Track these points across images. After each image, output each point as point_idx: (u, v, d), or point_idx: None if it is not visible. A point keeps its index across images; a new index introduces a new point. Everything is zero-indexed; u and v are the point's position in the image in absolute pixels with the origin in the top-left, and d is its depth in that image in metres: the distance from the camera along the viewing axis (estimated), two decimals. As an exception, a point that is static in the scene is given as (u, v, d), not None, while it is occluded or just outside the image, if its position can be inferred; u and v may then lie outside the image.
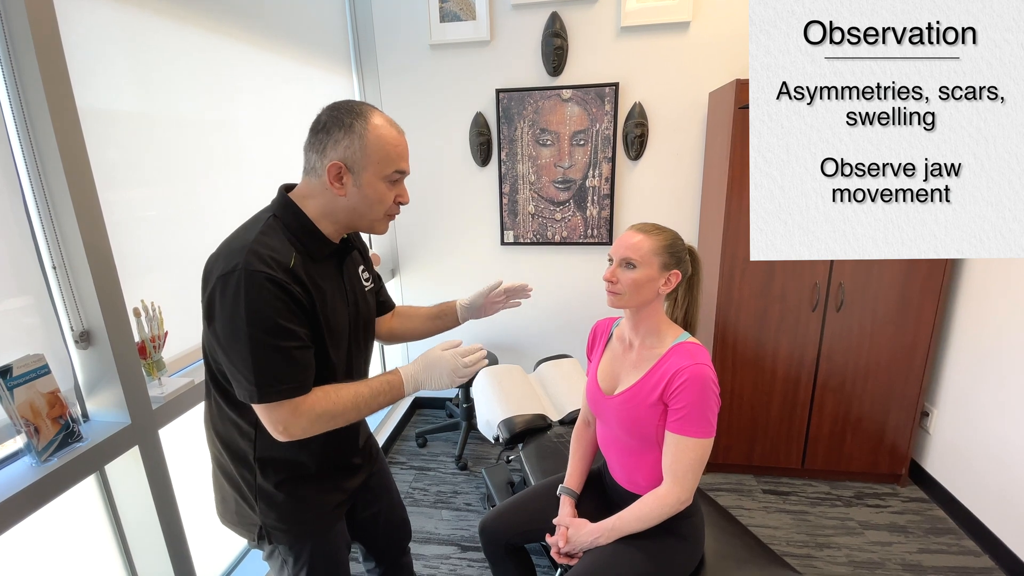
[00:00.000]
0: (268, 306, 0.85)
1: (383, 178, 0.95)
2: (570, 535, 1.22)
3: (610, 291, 1.15)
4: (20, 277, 1.04)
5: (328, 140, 0.92)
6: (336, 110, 0.94)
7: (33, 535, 1.10)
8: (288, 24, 2.00)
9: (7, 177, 1.00)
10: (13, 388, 0.96)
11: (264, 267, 0.86)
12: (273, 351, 0.86)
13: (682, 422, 1.07)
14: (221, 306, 0.86)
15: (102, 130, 1.19)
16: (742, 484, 2.40)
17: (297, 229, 0.95)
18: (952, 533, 2.06)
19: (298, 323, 0.89)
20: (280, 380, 0.88)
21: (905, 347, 2.15)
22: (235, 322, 0.85)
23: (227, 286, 0.85)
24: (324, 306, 0.96)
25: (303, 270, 0.92)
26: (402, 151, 0.97)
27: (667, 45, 2.38)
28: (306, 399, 0.91)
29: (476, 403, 2.23)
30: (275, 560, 1.10)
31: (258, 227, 0.92)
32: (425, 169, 2.73)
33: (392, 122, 0.97)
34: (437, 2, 2.46)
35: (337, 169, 0.92)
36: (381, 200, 0.97)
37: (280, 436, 0.91)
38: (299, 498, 1.05)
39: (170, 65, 1.41)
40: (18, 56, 0.98)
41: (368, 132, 0.92)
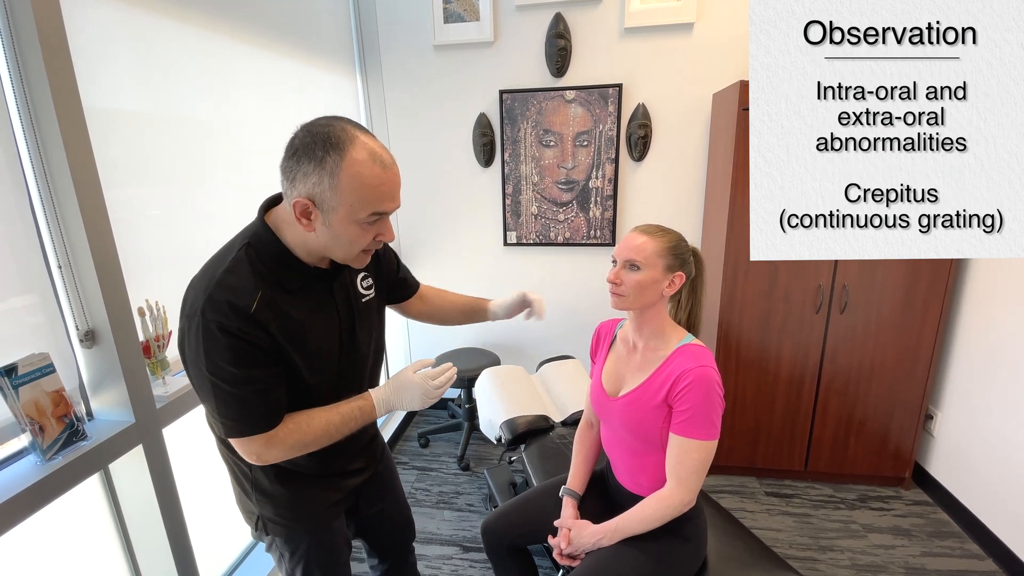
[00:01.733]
0: (222, 357, 0.83)
1: (356, 221, 0.84)
2: (572, 536, 1.22)
3: (614, 293, 1.15)
4: (26, 276, 1.04)
5: (298, 171, 0.82)
6: (310, 135, 0.81)
7: (37, 533, 1.10)
8: (292, 25, 2.01)
9: (13, 177, 1.01)
10: (18, 387, 0.97)
11: (218, 316, 0.82)
12: (234, 397, 0.85)
13: (686, 424, 1.07)
14: (187, 347, 0.86)
15: (106, 129, 1.19)
16: (745, 486, 2.39)
17: (270, 260, 0.89)
18: (956, 537, 2.05)
19: (259, 366, 0.86)
20: (245, 421, 0.88)
21: (909, 349, 2.14)
22: (198, 367, 0.85)
23: (189, 330, 0.85)
24: (299, 338, 0.91)
25: (271, 308, 0.86)
26: (386, 191, 0.84)
27: (671, 46, 2.38)
28: (277, 432, 0.90)
29: (478, 404, 2.23)
30: (274, 552, 1.12)
31: (227, 260, 0.87)
32: (428, 170, 2.74)
33: (376, 156, 0.82)
34: (441, 3, 2.46)
35: (303, 206, 0.82)
36: (353, 242, 0.87)
37: (255, 463, 0.93)
38: (295, 493, 1.05)
39: (175, 65, 1.42)
40: (24, 56, 0.98)
41: (342, 171, 0.80)
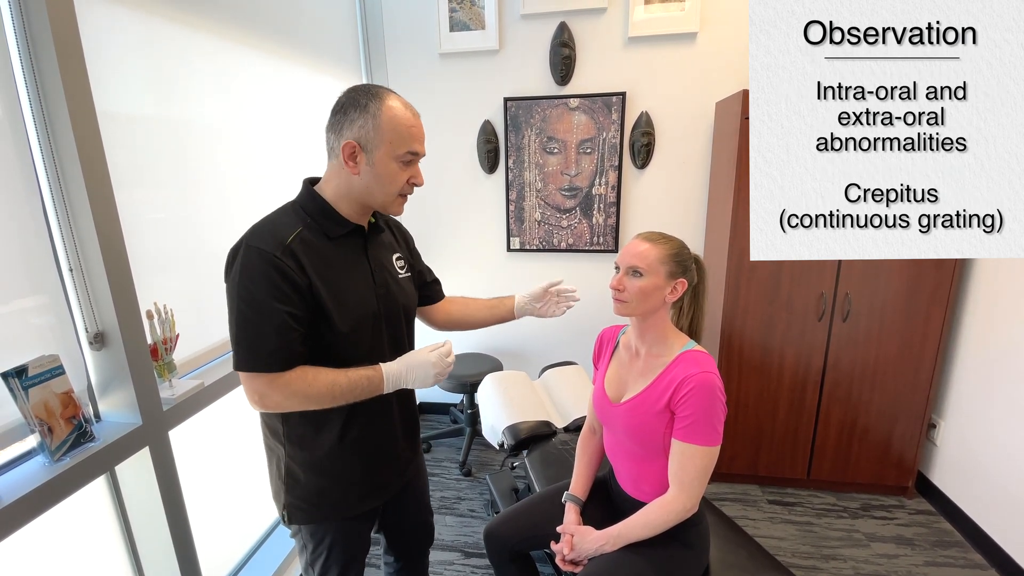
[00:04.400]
0: (254, 282, 0.90)
1: (395, 158, 0.97)
2: (575, 542, 1.22)
3: (617, 299, 1.16)
4: (37, 278, 1.05)
5: (345, 120, 0.96)
6: (354, 91, 0.98)
7: (42, 534, 1.11)
8: (300, 32, 2.04)
9: (26, 180, 1.03)
10: (28, 388, 0.98)
11: (258, 242, 0.92)
12: (254, 326, 0.91)
13: (689, 430, 1.08)
14: (227, 276, 0.95)
15: (117, 133, 1.21)
16: (747, 494, 2.39)
17: (313, 210, 1.00)
18: (959, 546, 2.04)
19: (285, 302, 0.92)
20: (256, 354, 0.92)
21: (912, 358, 2.14)
22: (231, 292, 0.93)
23: (233, 259, 0.94)
24: (331, 281, 0.97)
25: (306, 247, 0.95)
26: (416, 132, 0.99)
27: (674, 55, 2.40)
28: (283, 375, 0.93)
29: (481, 409, 2.23)
30: (298, 541, 1.14)
31: (277, 211, 1.00)
32: (433, 176, 2.75)
33: (408, 105, 0.99)
34: (447, 11, 2.49)
35: (351, 148, 0.95)
36: (393, 180, 0.99)
37: (255, 406, 0.96)
38: (325, 479, 1.07)
39: (185, 70, 1.44)
40: (40, 61, 1.00)
41: (382, 112, 0.95)
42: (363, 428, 1.07)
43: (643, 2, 2.34)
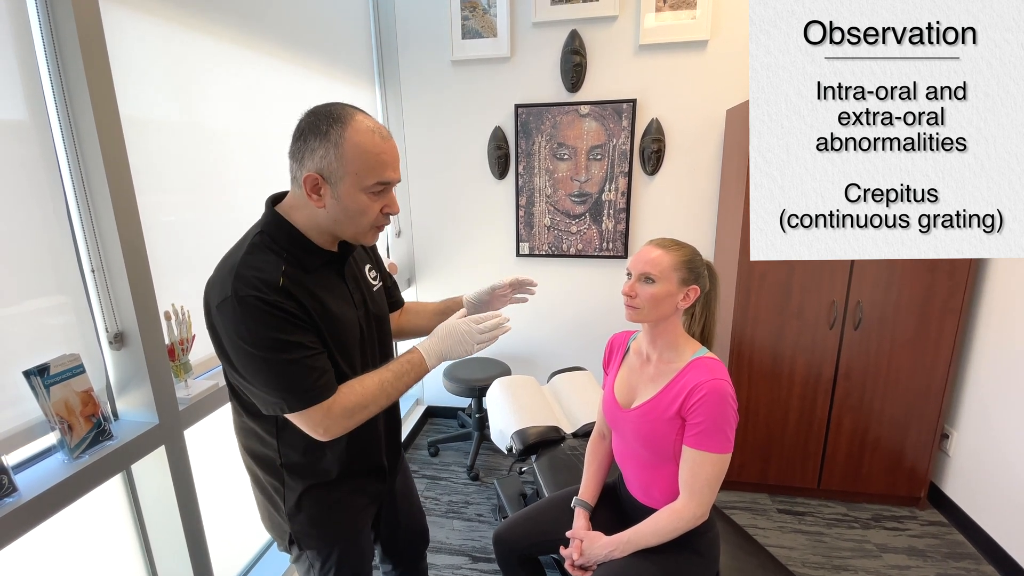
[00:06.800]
0: (266, 326, 0.85)
1: (363, 189, 0.88)
2: (584, 548, 1.22)
3: (629, 305, 1.16)
4: (60, 279, 1.08)
5: (305, 149, 0.87)
6: (314, 115, 0.88)
7: (59, 531, 1.12)
8: (315, 40, 2.07)
9: (51, 182, 1.05)
10: (50, 386, 1.00)
11: (252, 290, 0.84)
12: (287, 365, 0.86)
13: (700, 437, 1.08)
14: (225, 335, 0.87)
15: (138, 137, 1.23)
16: (757, 503, 2.37)
17: (285, 242, 0.92)
18: (971, 558, 2.01)
19: (302, 334, 0.89)
20: (304, 389, 0.88)
21: (924, 367, 2.13)
22: (243, 348, 0.85)
23: (224, 315, 0.85)
24: (324, 315, 0.94)
25: (295, 284, 0.89)
26: (386, 159, 0.89)
27: (685, 63, 2.41)
28: (336, 399, 0.91)
29: (489, 413, 2.24)
30: (302, 563, 1.11)
31: (243, 248, 0.90)
32: (444, 181, 2.78)
33: (376, 128, 0.89)
34: (459, 19, 2.52)
35: (313, 181, 0.87)
36: (363, 212, 0.91)
37: (322, 437, 0.92)
38: (327, 501, 1.06)
39: (204, 77, 1.47)
40: (66, 65, 1.03)
41: (344, 140, 0.85)
42: (350, 441, 1.04)
43: (654, 10, 2.36)
